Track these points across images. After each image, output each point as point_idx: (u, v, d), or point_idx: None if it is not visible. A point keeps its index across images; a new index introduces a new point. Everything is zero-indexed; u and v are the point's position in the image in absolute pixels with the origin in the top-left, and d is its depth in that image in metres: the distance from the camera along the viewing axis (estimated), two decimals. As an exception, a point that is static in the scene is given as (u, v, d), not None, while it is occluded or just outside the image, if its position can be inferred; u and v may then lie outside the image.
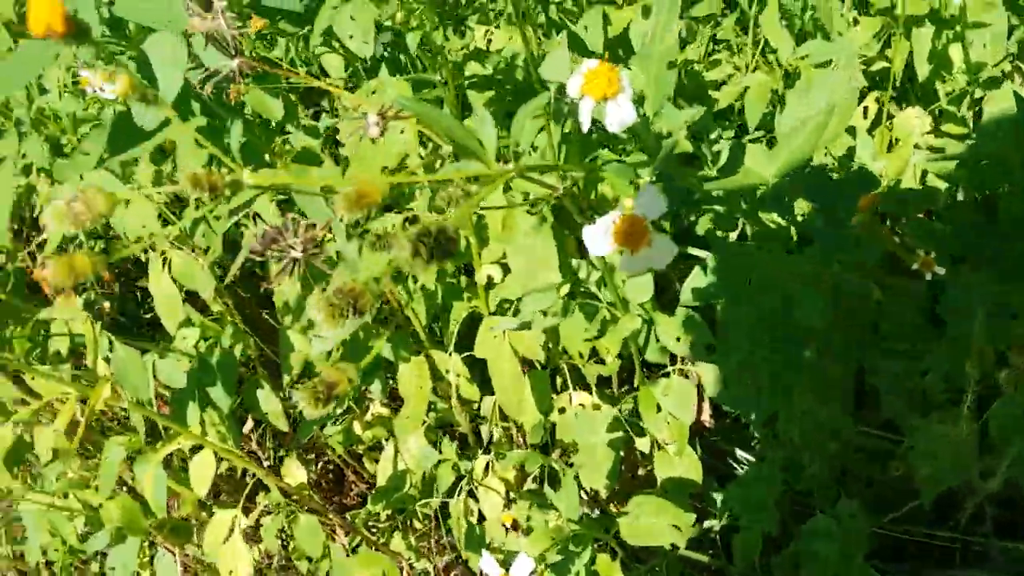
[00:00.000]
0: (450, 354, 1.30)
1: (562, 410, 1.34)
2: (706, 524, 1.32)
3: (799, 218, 0.97)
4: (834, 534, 1.05)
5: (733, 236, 1.15)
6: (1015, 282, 0.98)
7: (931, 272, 0.80)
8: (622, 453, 1.25)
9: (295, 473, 1.39)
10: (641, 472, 1.47)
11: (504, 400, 1.25)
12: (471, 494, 1.38)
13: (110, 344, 1.07)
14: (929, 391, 1.01)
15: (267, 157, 1.10)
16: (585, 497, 1.41)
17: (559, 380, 1.41)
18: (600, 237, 0.60)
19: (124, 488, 1.52)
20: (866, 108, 1.53)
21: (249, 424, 1.73)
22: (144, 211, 1.21)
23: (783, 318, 0.93)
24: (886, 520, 1.18)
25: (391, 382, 1.39)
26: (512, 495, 1.41)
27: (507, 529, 1.38)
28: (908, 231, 1.05)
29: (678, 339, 1.00)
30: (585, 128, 0.63)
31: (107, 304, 1.53)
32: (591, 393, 1.32)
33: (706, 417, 1.63)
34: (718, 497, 1.35)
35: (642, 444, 1.23)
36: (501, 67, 1.18)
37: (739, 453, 1.48)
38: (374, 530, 1.58)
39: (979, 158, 1.09)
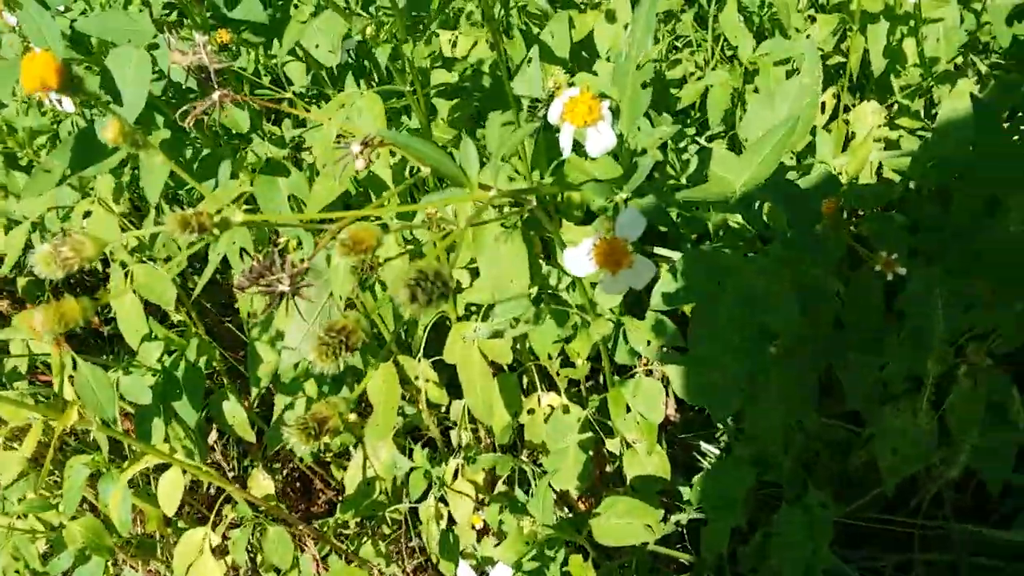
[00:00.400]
0: (419, 359, 1.30)
1: (531, 411, 1.34)
2: (674, 518, 1.35)
3: (765, 220, 0.98)
4: (803, 524, 1.07)
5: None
6: (968, 275, 1.01)
7: (893, 272, 0.83)
8: (591, 453, 1.26)
9: (262, 484, 1.37)
10: (609, 469, 1.49)
11: (474, 404, 1.25)
12: (441, 499, 1.39)
13: (73, 363, 1.04)
14: (890, 382, 1.04)
15: (231, 168, 1.08)
16: (554, 497, 1.43)
17: (526, 380, 1.41)
18: (582, 259, 0.61)
19: (86, 506, 1.49)
20: (823, 103, 1.56)
21: (213, 435, 1.71)
22: (106, 223, 1.18)
23: (750, 317, 0.95)
24: (851, 508, 1.21)
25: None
26: (482, 497, 1.42)
27: (477, 532, 1.38)
28: (866, 224, 1.08)
29: (648, 342, 1.01)
30: (566, 153, 0.63)
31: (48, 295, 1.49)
32: (560, 394, 1.33)
33: (671, 411, 1.65)
34: (685, 491, 1.37)
35: (612, 444, 1.24)
36: (467, 74, 1.18)
37: (704, 447, 1.51)
38: (343, 537, 1.57)
39: (933, 156, 1.13)
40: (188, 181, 0.90)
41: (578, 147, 0.65)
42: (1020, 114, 1.25)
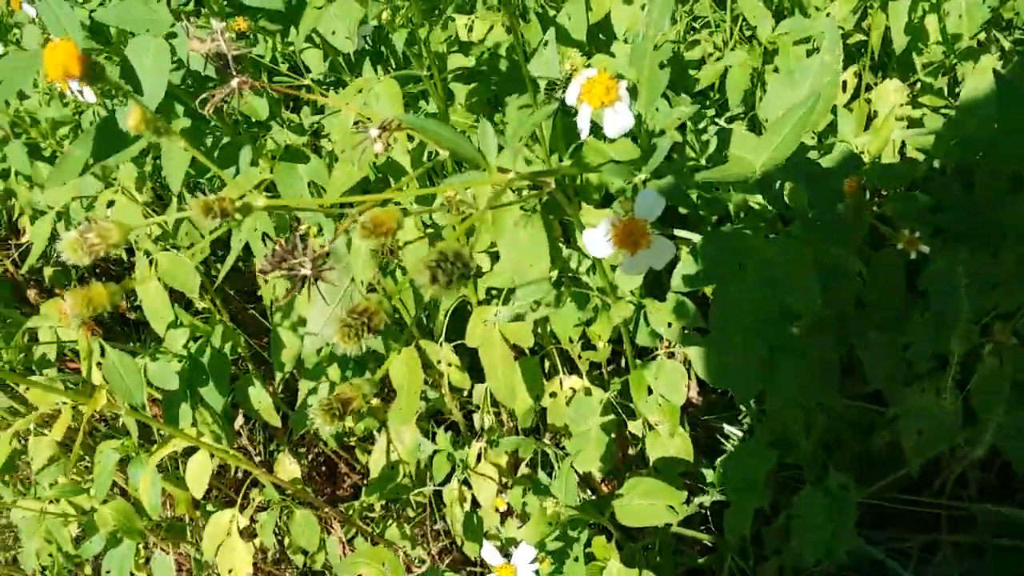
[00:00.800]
0: (440, 344, 1.30)
1: (553, 394, 1.35)
2: (697, 500, 1.35)
3: (786, 201, 0.98)
4: (825, 506, 1.07)
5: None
6: (993, 253, 1.00)
7: (916, 251, 0.82)
8: (614, 435, 1.26)
9: (288, 468, 1.39)
10: (631, 451, 1.49)
11: (496, 388, 1.26)
12: (464, 482, 1.40)
13: (101, 349, 1.06)
14: (913, 362, 1.03)
15: (251, 156, 1.09)
16: (577, 478, 1.43)
17: (548, 363, 1.42)
18: (600, 240, 0.61)
19: (116, 490, 1.52)
20: (845, 82, 1.54)
21: (239, 419, 1.73)
22: (129, 211, 1.20)
23: (771, 298, 0.95)
24: (873, 489, 1.21)
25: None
26: (505, 480, 1.43)
27: (501, 515, 1.40)
28: (889, 204, 1.07)
29: (669, 324, 1.01)
30: (584, 135, 0.63)
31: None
32: (582, 377, 1.34)
33: (693, 393, 1.65)
34: (708, 473, 1.37)
35: (634, 427, 1.25)
36: (484, 58, 1.18)
37: (727, 428, 1.51)
38: (369, 520, 1.59)
39: (956, 134, 1.11)
40: (209, 168, 0.91)
41: (596, 129, 0.65)
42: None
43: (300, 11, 1.21)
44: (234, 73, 0.60)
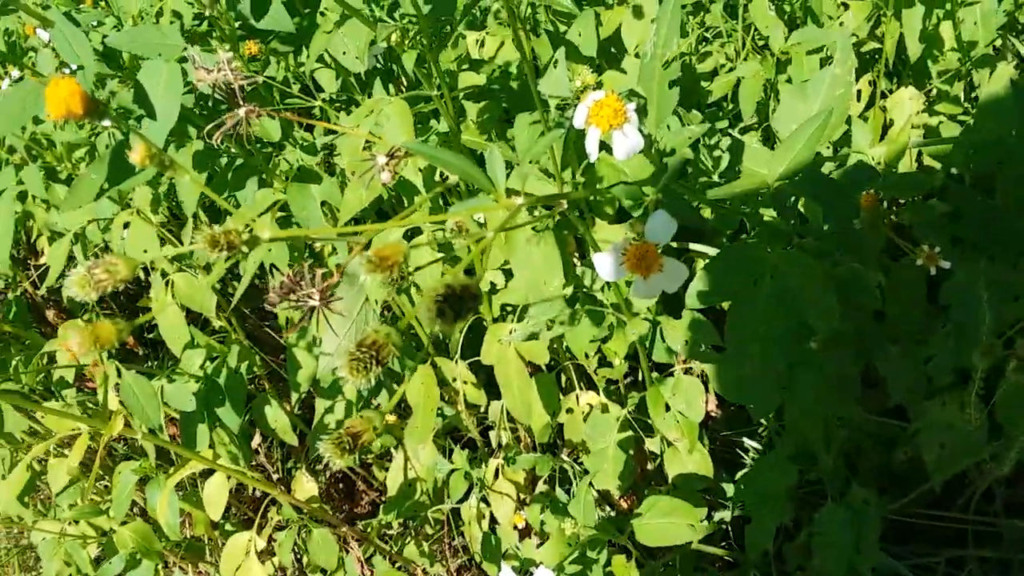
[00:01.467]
0: (456, 361, 1.30)
1: (569, 410, 1.34)
2: (717, 516, 1.33)
3: (802, 213, 0.97)
4: (847, 522, 1.06)
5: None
6: (1014, 264, 0.98)
7: (935, 266, 0.80)
8: (631, 452, 1.25)
9: (306, 487, 1.39)
10: (650, 467, 1.48)
11: (512, 405, 1.25)
12: (483, 499, 1.39)
13: (117, 371, 1.06)
14: (935, 376, 1.01)
15: (265, 177, 1.10)
16: (596, 495, 1.42)
17: (564, 378, 1.41)
18: (612, 264, 0.60)
19: (135, 510, 1.52)
20: (859, 91, 1.53)
21: (257, 438, 1.74)
22: (144, 234, 1.21)
23: (787, 313, 0.94)
24: (896, 505, 1.19)
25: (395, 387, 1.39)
26: (523, 497, 1.42)
27: (520, 532, 1.39)
28: (907, 213, 1.05)
29: (686, 342, 1.00)
30: (593, 158, 0.63)
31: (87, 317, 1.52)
32: (598, 392, 1.33)
33: (712, 408, 1.63)
34: (728, 488, 1.36)
35: (651, 444, 1.24)
36: (495, 76, 1.18)
37: (747, 442, 1.49)
38: (387, 539, 1.59)
39: (976, 141, 1.10)
40: (225, 189, 0.91)
41: (608, 147, 0.64)
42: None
43: (311, 32, 1.22)
44: (242, 102, 0.60)
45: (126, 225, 1.26)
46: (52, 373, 1.34)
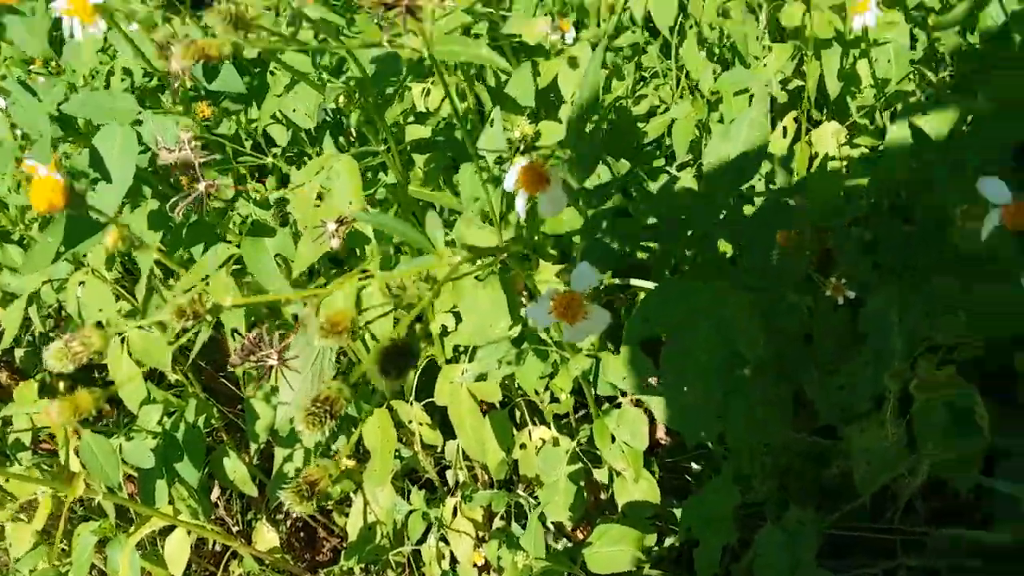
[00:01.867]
0: (411, 403, 1.34)
1: (523, 446, 1.39)
2: (668, 541, 1.38)
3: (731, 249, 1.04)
4: (783, 544, 1.12)
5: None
6: (920, 289, 1.06)
7: (842, 296, 0.88)
8: (582, 483, 1.30)
9: (267, 537, 1.41)
10: (603, 496, 1.53)
11: (467, 443, 1.29)
12: (442, 538, 1.42)
13: (77, 432, 1.08)
14: (854, 401, 1.09)
15: (219, 231, 1.13)
16: (551, 528, 1.47)
17: (518, 414, 1.46)
18: (543, 313, 0.67)
19: (95, 572, 1.51)
20: (784, 128, 1.63)
21: (216, 491, 1.74)
22: (100, 293, 1.23)
23: (720, 342, 1.00)
24: (830, 521, 1.26)
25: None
26: (481, 534, 1.45)
27: (479, 569, 1.42)
28: (830, 239, 1.13)
29: (624, 377, 1.06)
30: (522, 218, 0.69)
31: (62, 386, 1.53)
32: (549, 427, 1.38)
33: (661, 435, 1.69)
34: (678, 513, 1.41)
35: (600, 474, 1.29)
36: (440, 128, 1.24)
37: (695, 467, 1.55)
38: (349, 583, 1.60)
39: (882, 177, 1.19)
40: (175, 251, 0.94)
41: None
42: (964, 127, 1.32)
43: (262, 90, 1.27)
44: (201, 178, 0.64)
45: (81, 283, 1.28)
46: (7, 436, 1.34)
